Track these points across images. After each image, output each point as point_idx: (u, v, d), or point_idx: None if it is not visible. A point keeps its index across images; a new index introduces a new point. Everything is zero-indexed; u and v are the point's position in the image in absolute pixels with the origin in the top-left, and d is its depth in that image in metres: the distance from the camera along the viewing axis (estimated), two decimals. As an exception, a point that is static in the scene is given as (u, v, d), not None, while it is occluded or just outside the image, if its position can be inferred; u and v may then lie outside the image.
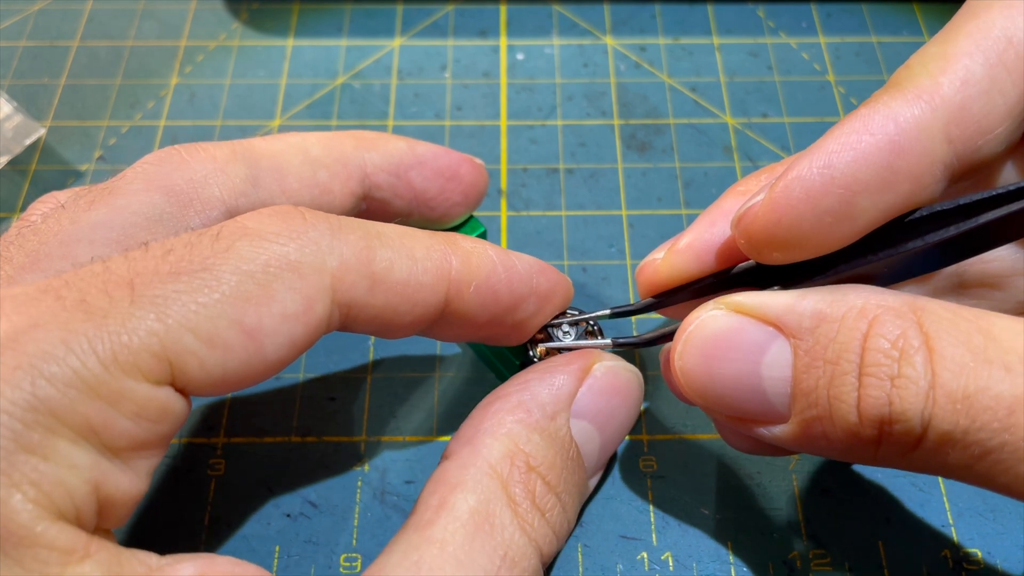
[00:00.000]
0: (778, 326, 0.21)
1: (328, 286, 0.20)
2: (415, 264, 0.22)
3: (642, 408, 0.30)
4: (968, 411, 0.18)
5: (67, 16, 0.42)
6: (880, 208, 0.20)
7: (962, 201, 0.21)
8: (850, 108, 0.38)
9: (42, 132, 0.38)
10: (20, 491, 0.16)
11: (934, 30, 0.40)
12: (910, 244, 0.21)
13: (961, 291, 0.25)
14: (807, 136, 0.37)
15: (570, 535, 0.24)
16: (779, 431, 0.21)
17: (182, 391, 0.19)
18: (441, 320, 0.23)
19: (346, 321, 0.21)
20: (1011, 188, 0.20)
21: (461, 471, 0.22)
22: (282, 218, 0.20)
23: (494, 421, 0.23)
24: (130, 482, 0.18)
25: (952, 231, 0.20)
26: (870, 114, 0.20)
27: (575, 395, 0.24)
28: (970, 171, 0.21)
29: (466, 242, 0.23)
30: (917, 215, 0.21)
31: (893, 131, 0.20)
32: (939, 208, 0.21)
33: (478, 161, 0.29)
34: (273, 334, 0.19)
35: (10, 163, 0.37)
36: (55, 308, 0.17)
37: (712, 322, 0.22)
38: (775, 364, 0.21)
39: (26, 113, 0.37)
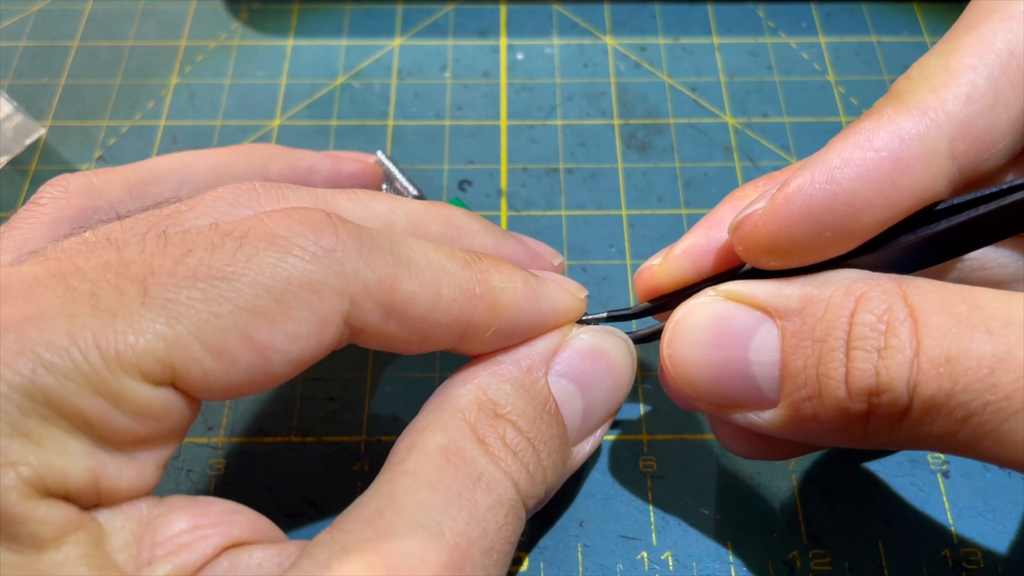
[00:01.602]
0: (766, 309, 0.21)
1: (344, 310, 0.20)
2: (439, 302, 0.21)
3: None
4: (951, 374, 0.18)
5: (67, 16, 0.42)
6: (881, 222, 0.20)
7: (956, 201, 0.21)
8: (850, 108, 0.38)
9: (42, 132, 0.38)
10: (15, 471, 0.16)
11: (934, 30, 0.40)
12: (902, 238, 0.21)
13: None
14: (807, 136, 0.37)
15: (549, 493, 0.23)
16: (769, 416, 0.21)
17: (184, 393, 0.19)
18: (450, 349, 0.23)
19: (354, 340, 0.21)
20: (1003, 186, 0.20)
21: (430, 416, 0.22)
22: (312, 229, 0.20)
23: (466, 374, 0.23)
24: (135, 473, 0.18)
25: (943, 224, 0.20)
26: (874, 128, 0.20)
27: (554, 351, 0.24)
28: (972, 184, 0.21)
29: (498, 277, 0.23)
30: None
31: (898, 148, 0.20)
32: (935, 209, 0.21)
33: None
34: (282, 351, 0.19)
35: (10, 163, 0.37)
36: (64, 298, 0.17)
37: (700, 309, 0.22)
38: (763, 348, 0.21)
39: (26, 113, 0.37)
